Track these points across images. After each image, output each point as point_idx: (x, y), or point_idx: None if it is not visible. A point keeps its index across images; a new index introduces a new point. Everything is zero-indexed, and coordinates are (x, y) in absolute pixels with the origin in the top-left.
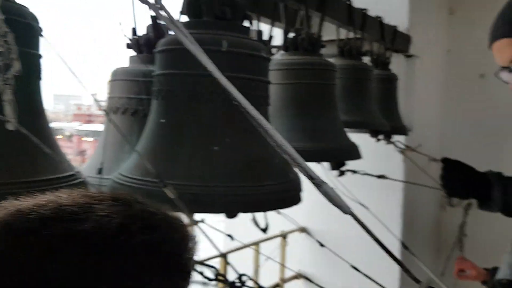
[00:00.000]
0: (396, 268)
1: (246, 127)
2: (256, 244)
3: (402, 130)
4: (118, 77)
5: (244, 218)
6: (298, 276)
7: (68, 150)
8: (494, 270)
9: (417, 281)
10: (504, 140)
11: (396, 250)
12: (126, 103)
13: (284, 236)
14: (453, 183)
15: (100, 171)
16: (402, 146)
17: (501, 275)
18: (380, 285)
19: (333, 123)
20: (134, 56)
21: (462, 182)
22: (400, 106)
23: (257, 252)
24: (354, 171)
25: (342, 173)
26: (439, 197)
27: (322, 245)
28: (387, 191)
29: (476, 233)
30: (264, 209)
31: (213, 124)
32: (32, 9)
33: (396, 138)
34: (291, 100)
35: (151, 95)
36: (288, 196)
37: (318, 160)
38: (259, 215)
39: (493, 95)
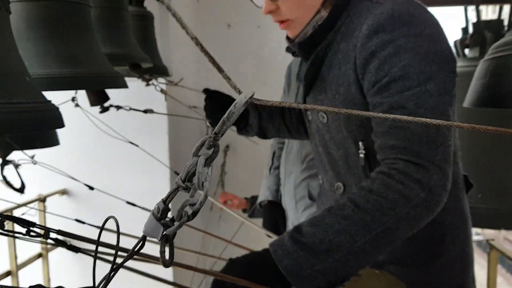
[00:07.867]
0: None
1: None
2: (9, 211)
3: (163, 70)
4: None
5: None
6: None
7: None
8: (252, 198)
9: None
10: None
11: (167, 179)
12: None
13: (43, 199)
14: (214, 112)
15: None
16: (163, 86)
17: (261, 197)
18: None
19: (92, 49)
20: None
21: (222, 111)
22: (158, 46)
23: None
24: (119, 107)
25: (105, 110)
26: (203, 129)
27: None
28: (153, 127)
29: (234, 171)
30: (18, 130)
31: None
32: None
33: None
34: (38, 20)
35: None
36: (46, 117)
37: (81, 87)
38: (12, 174)
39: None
